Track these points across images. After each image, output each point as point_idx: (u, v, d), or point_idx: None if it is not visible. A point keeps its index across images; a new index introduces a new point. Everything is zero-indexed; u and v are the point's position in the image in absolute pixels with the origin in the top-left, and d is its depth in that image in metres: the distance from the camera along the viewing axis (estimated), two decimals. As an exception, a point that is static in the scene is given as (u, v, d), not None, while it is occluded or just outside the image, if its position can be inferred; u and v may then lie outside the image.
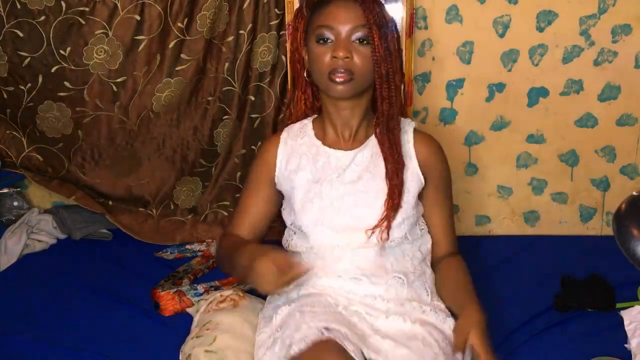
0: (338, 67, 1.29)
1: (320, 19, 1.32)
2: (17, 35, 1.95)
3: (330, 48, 1.30)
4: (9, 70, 1.99)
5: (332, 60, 1.30)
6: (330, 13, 1.31)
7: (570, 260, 1.99)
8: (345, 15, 1.30)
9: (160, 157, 2.17)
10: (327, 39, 1.31)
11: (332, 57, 1.30)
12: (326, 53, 1.31)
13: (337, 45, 1.30)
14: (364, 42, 1.30)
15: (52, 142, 2.10)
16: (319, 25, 1.32)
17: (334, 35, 1.31)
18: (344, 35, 1.30)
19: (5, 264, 2.02)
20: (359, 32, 1.30)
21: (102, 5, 1.93)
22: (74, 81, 2.01)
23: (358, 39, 1.30)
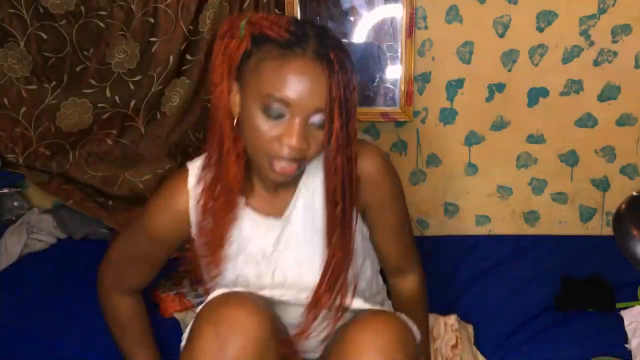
0: (284, 154, 0.99)
1: (273, 83, 0.96)
2: (41, 37, 2.02)
3: (279, 127, 0.98)
4: (33, 70, 2.06)
5: (278, 145, 0.99)
6: (289, 79, 0.96)
7: (570, 260, 1.99)
8: (310, 89, 0.96)
9: (162, 153, 2.18)
10: (278, 115, 0.98)
11: (280, 141, 0.99)
12: (272, 130, 0.98)
13: (290, 130, 0.97)
14: (321, 127, 1.00)
15: (65, 137, 2.14)
16: (269, 93, 0.96)
17: (288, 112, 0.98)
18: (301, 117, 0.98)
19: (5, 263, 2.02)
20: (319, 115, 0.99)
21: (119, 9, 2.01)
22: (98, 79, 2.09)
23: (317, 123, 1.00)
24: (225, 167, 1.07)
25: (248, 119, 1.00)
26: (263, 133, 0.99)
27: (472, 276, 1.90)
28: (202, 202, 1.12)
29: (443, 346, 1.50)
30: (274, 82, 0.96)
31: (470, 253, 2.02)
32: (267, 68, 0.97)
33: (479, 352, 1.55)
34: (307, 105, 0.97)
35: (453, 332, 1.52)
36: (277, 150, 1.00)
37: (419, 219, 2.28)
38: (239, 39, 1.00)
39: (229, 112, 1.04)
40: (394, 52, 2.07)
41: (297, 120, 0.98)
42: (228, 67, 1.01)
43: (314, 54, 0.97)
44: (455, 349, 1.48)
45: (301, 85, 0.96)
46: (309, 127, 1.00)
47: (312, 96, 0.97)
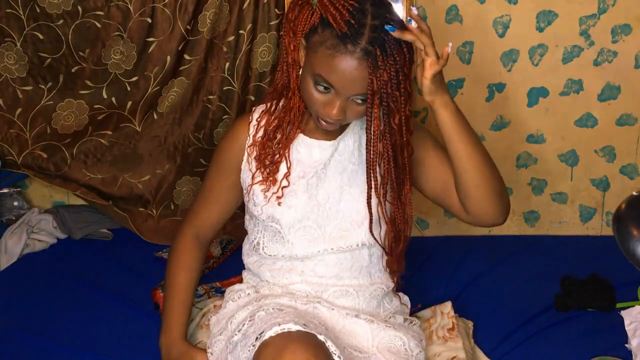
0: (326, 119, 1.18)
1: (323, 65, 1.13)
2: (38, 38, 2.00)
3: (326, 96, 1.16)
4: (29, 71, 2.05)
5: (324, 110, 1.17)
6: (337, 69, 1.12)
7: (570, 260, 1.99)
8: (352, 80, 1.12)
9: (162, 153, 2.18)
10: (325, 88, 1.15)
11: (323, 107, 1.17)
12: (320, 97, 1.17)
13: (332, 103, 1.15)
14: (362, 102, 1.16)
15: (61, 138, 2.13)
16: (320, 74, 1.14)
17: (333, 90, 1.15)
18: (343, 97, 1.15)
19: (5, 263, 2.02)
20: (361, 95, 1.15)
21: (116, 9, 1.99)
22: (94, 80, 2.08)
23: (358, 99, 1.16)
24: (292, 101, 1.25)
25: (304, 79, 1.19)
26: (312, 96, 1.17)
27: (472, 276, 1.90)
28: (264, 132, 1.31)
29: (439, 329, 1.50)
30: (324, 66, 1.13)
31: (470, 253, 2.02)
32: (321, 52, 1.13)
33: (478, 347, 1.55)
34: (348, 91, 1.14)
35: (450, 319, 1.53)
36: (321, 112, 1.18)
37: (419, 219, 2.28)
38: (310, 11, 1.16)
39: (296, 63, 1.21)
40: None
41: (339, 99, 1.15)
42: (299, 31, 1.17)
43: (362, 52, 1.10)
44: (453, 331, 1.49)
45: (345, 76, 1.12)
46: (349, 101, 1.16)
47: (353, 85, 1.13)
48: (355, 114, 1.18)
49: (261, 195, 1.30)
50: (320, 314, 1.27)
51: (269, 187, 1.29)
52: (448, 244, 2.15)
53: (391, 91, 1.13)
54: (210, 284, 1.83)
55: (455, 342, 1.45)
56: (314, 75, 1.15)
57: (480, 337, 1.59)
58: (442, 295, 1.76)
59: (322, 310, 1.28)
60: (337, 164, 1.31)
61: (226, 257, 2.07)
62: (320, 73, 1.13)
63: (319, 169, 1.30)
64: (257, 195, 1.31)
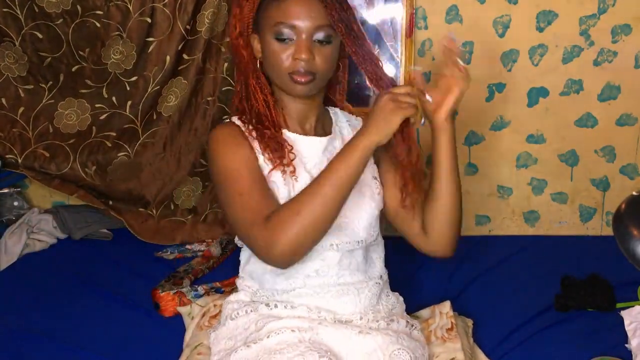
0: (299, 68, 1.22)
1: (279, 14, 1.21)
2: (37, 37, 2.01)
3: (291, 47, 1.22)
4: (29, 70, 2.06)
5: (293, 62, 1.22)
6: (289, 9, 1.21)
7: (570, 260, 1.99)
8: (307, 13, 1.21)
9: (162, 161, 2.18)
10: (286, 39, 1.22)
11: (294, 58, 1.22)
12: (285, 51, 1.22)
13: (298, 46, 1.21)
14: (325, 43, 1.23)
15: (64, 138, 2.13)
16: (277, 22, 1.21)
17: (295, 34, 1.21)
18: (305, 36, 1.21)
19: (5, 263, 2.02)
20: (321, 32, 1.22)
21: (115, 8, 1.99)
22: (94, 79, 2.08)
23: (320, 40, 1.22)
24: (255, 97, 1.29)
25: (268, 51, 1.24)
26: (279, 55, 1.22)
27: (472, 276, 1.90)
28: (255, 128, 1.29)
29: (438, 329, 1.50)
30: (279, 13, 1.21)
31: (470, 253, 2.02)
32: (273, 5, 1.22)
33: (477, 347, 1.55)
34: (308, 25, 1.21)
35: (448, 318, 1.53)
36: (292, 65, 1.22)
37: (419, 219, 2.28)
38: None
39: (250, 57, 1.28)
40: (394, 52, 2.07)
41: (303, 37, 1.21)
42: (247, 21, 1.26)
43: None
44: (451, 331, 1.49)
45: (300, 10, 1.20)
46: (314, 43, 1.22)
47: (310, 17, 1.21)
48: (322, 57, 1.23)
49: (280, 178, 1.25)
50: (324, 340, 1.24)
51: (285, 169, 1.26)
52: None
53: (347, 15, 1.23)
54: (210, 284, 1.83)
55: (454, 342, 1.45)
56: (274, 30, 1.21)
57: (480, 337, 1.59)
58: (442, 295, 1.75)
59: (324, 334, 1.25)
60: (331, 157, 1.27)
61: (226, 257, 2.07)
62: (278, 20, 1.21)
63: (313, 165, 1.29)
64: (277, 179, 1.26)
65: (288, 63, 1.22)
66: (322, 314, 1.28)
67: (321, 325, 1.25)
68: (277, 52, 1.23)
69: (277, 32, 1.21)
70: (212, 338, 1.35)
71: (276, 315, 1.27)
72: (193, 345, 1.45)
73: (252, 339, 1.24)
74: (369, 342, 1.24)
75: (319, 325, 1.25)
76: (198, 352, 1.42)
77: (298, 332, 1.23)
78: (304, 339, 1.22)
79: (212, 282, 1.86)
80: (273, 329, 1.23)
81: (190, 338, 1.51)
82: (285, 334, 1.22)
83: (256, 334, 1.25)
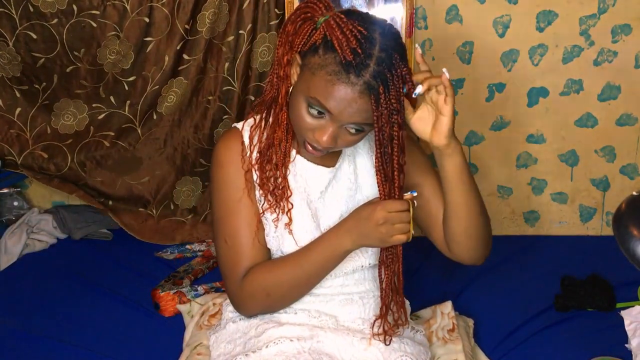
0: (315, 145, 1.12)
1: (322, 92, 1.06)
2: (31, 37, 2.00)
3: (317, 121, 1.09)
4: (23, 70, 2.04)
5: (312, 136, 1.10)
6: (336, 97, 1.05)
7: (570, 260, 1.99)
8: (350, 109, 1.06)
9: (161, 156, 2.18)
10: (319, 113, 1.08)
11: (313, 133, 1.10)
12: (311, 121, 1.10)
13: (324, 130, 1.09)
14: (354, 132, 1.11)
15: (62, 139, 2.13)
16: (316, 97, 1.06)
17: (327, 116, 1.08)
18: (336, 125, 1.08)
19: (5, 263, 2.02)
20: (355, 125, 1.09)
21: (112, 8, 1.98)
22: (90, 79, 2.07)
23: (351, 129, 1.10)
24: (279, 119, 1.16)
25: (296, 99, 1.11)
26: (302, 120, 1.10)
27: (472, 276, 1.90)
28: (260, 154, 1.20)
29: (439, 330, 1.50)
30: (322, 91, 1.06)
31: (470, 253, 2.02)
32: (322, 76, 1.05)
33: (478, 347, 1.55)
34: (344, 119, 1.07)
35: (450, 319, 1.52)
36: (310, 138, 1.11)
37: (419, 219, 2.28)
38: (313, 28, 1.08)
39: (288, 78, 1.14)
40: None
41: (332, 125, 1.08)
42: (299, 42, 1.10)
43: (365, 86, 1.04)
44: (453, 332, 1.49)
45: (344, 105, 1.05)
46: (342, 129, 1.10)
47: (350, 114, 1.06)
48: (345, 142, 1.12)
49: (271, 224, 1.21)
50: (325, 348, 1.22)
51: (279, 216, 1.20)
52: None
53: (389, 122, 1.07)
54: (210, 284, 1.83)
55: (455, 344, 1.45)
56: (308, 98, 1.08)
57: (481, 337, 1.59)
58: (442, 295, 1.75)
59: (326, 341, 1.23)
60: (335, 191, 1.25)
61: (226, 257, 2.07)
62: (316, 97, 1.06)
63: (317, 198, 1.24)
64: (268, 223, 1.22)
65: (308, 134, 1.11)
66: (322, 318, 1.26)
67: (322, 331, 1.23)
68: (303, 116, 1.10)
69: (311, 103, 1.08)
70: (212, 341, 1.34)
71: (276, 321, 1.25)
72: (193, 345, 1.45)
73: (251, 346, 1.23)
74: (371, 349, 1.23)
75: (320, 331, 1.23)
76: (198, 352, 1.42)
77: (297, 341, 1.21)
78: (303, 350, 1.20)
79: (212, 282, 1.86)
80: (272, 338, 1.21)
81: (190, 338, 1.51)
82: (284, 344, 1.20)
83: (255, 340, 1.23)
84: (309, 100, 1.08)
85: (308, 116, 1.09)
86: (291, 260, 1.19)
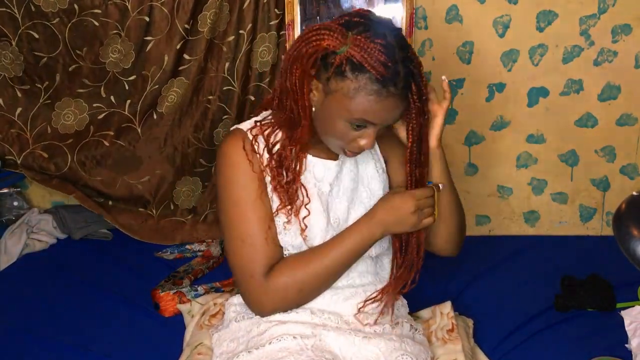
0: (357, 151, 1.20)
1: (368, 111, 1.12)
2: (33, 37, 2.01)
3: (358, 133, 1.17)
4: (25, 70, 2.05)
5: (354, 144, 1.18)
6: (383, 111, 1.13)
7: (570, 260, 1.99)
8: (391, 115, 1.15)
9: (162, 155, 2.18)
10: (360, 127, 1.16)
11: (355, 141, 1.17)
12: (352, 135, 1.17)
13: (369, 137, 1.17)
14: (388, 127, 1.21)
15: (62, 138, 2.13)
16: (362, 117, 1.13)
17: (370, 126, 1.16)
18: (378, 129, 1.17)
19: (5, 263, 2.02)
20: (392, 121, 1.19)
21: (113, 7, 1.99)
22: (92, 78, 2.07)
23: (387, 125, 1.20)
24: (302, 138, 1.20)
25: (330, 120, 1.16)
26: (343, 135, 1.17)
27: (472, 276, 1.90)
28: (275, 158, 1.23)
29: (439, 330, 1.50)
30: (368, 110, 1.12)
31: (470, 253, 2.01)
32: (363, 97, 1.11)
33: (478, 347, 1.55)
34: (385, 122, 1.17)
35: (449, 319, 1.53)
36: (352, 146, 1.19)
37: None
38: (336, 52, 1.11)
39: (310, 103, 1.17)
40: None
41: (375, 130, 1.17)
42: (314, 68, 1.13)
43: (402, 92, 1.13)
44: (452, 332, 1.49)
45: (389, 114, 1.15)
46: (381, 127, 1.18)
47: (393, 117, 1.17)
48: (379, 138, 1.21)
49: (281, 225, 1.23)
50: (327, 346, 1.24)
51: (290, 218, 1.23)
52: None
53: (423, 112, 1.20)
54: (210, 284, 1.83)
55: (455, 344, 1.45)
56: (351, 119, 1.13)
57: (481, 337, 1.59)
58: (442, 295, 1.75)
59: (328, 340, 1.25)
60: (341, 183, 1.30)
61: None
62: (363, 117, 1.13)
63: (328, 191, 1.28)
64: (280, 223, 1.24)
65: (351, 144, 1.18)
66: (325, 316, 1.27)
67: (325, 330, 1.25)
68: (344, 132, 1.16)
69: (354, 122, 1.14)
70: (214, 339, 1.35)
71: (279, 319, 1.26)
72: (193, 345, 1.45)
73: (254, 344, 1.24)
74: (372, 348, 1.24)
75: (322, 330, 1.25)
76: (198, 352, 1.42)
77: (300, 339, 1.22)
78: (305, 347, 1.21)
79: (212, 282, 1.86)
80: (275, 335, 1.23)
81: (191, 337, 1.51)
82: (287, 341, 1.21)
83: (258, 338, 1.24)
84: (351, 120, 1.14)
85: (351, 132, 1.16)
86: (319, 253, 1.23)
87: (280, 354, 1.19)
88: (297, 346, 1.21)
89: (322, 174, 1.27)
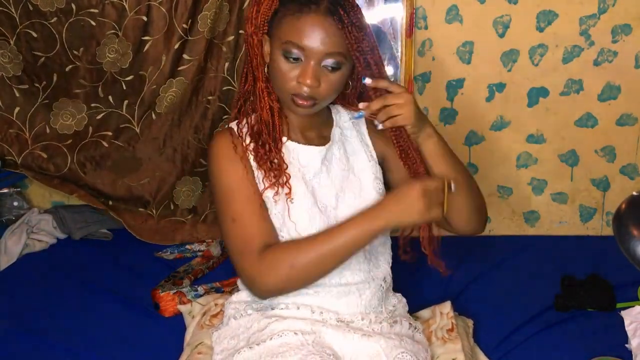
0: (302, 92, 1.19)
1: (292, 31, 1.16)
2: (31, 36, 2.00)
3: (298, 68, 1.18)
4: (24, 69, 2.04)
5: (297, 84, 1.19)
6: (303, 28, 1.16)
7: (570, 260, 1.99)
8: (321, 37, 1.15)
9: (161, 156, 2.18)
10: (295, 58, 1.17)
11: (298, 81, 1.18)
12: (292, 71, 1.19)
13: (304, 71, 1.17)
14: (333, 69, 1.19)
15: (61, 139, 2.12)
16: (289, 40, 1.16)
17: (304, 56, 1.17)
18: (314, 61, 1.17)
19: (5, 263, 2.02)
20: (331, 58, 1.18)
21: (111, 6, 1.98)
22: (89, 78, 2.07)
23: (328, 66, 1.18)
24: (261, 102, 1.25)
25: (274, 64, 1.20)
26: (284, 74, 1.19)
27: (472, 276, 1.90)
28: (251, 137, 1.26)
29: (439, 330, 1.50)
30: (292, 31, 1.16)
31: (470, 253, 2.02)
32: (287, 21, 1.17)
33: (477, 347, 1.55)
34: (318, 51, 1.16)
35: (449, 319, 1.53)
36: (295, 88, 1.19)
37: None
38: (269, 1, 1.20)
39: (262, 58, 1.24)
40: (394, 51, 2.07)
41: (311, 63, 1.17)
42: (261, 21, 1.21)
43: (326, 9, 1.16)
44: (452, 332, 1.49)
45: (313, 35, 1.16)
46: (322, 69, 1.18)
47: (323, 43, 1.16)
48: (329, 84, 1.19)
49: (272, 202, 1.25)
50: (327, 343, 1.24)
51: (278, 190, 1.24)
52: (448, 244, 2.14)
53: (369, 50, 1.19)
54: (210, 284, 1.83)
55: (455, 343, 1.45)
56: (283, 47, 1.17)
57: (480, 337, 1.59)
58: (442, 295, 1.75)
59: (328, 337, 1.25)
60: (329, 171, 1.31)
61: (226, 257, 2.07)
62: (289, 39, 1.16)
63: (312, 176, 1.29)
64: (269, 201, 1.25)
65: (292, 84, 1.19)
66: (324, 314, 1.28)
67: (325, 327, 1.25)
68: (283, 70, 1.19)
69: (286, 50, 1.17)
70: (214, 337, 1.36)
71: (279, 315, 1.27)
72: (194, 345, 1.45)
73: (255, 339, 1.25)
74: (372, 345, 1.25)
75: (322, 327, 1.25)
76: (198, 351, 1.42)
77: (301, 335, 1.23)
78: (306, 342, 1.22)
79: (212, 282, 1.86)
80: (275, 331, 1.23)
81: (191, 337, 1.51)
82: (288, 336, 1.22)
83: (259, 334, 1.25)
84: (284, 48, 1.17)
85: (287, 65, 1.18)
86: (321, 235, 1.21)
87: (281, 349, 1.19)
88: (298, 341, 1.22)
89: (306, 160, 1.29)
